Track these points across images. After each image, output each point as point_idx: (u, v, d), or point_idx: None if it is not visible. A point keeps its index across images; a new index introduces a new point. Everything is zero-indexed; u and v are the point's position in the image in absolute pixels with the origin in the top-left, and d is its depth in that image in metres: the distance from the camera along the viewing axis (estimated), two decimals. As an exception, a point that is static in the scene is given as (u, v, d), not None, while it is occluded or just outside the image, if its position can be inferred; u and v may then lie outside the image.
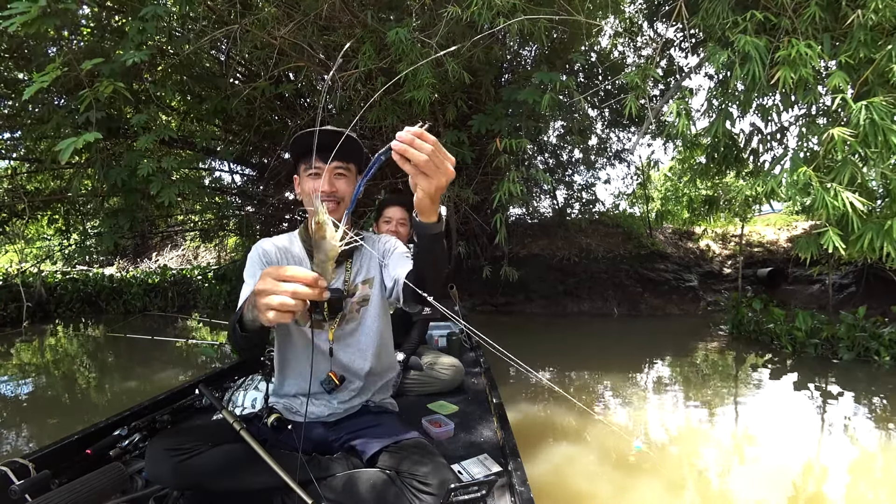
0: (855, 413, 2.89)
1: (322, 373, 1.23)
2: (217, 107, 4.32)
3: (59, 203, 5.92)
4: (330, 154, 1.10)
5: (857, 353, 3.80)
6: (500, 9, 2.75)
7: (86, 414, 3.07)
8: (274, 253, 1.23)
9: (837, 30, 2.41)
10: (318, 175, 1.17)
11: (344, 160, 1.20)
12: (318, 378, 1.22)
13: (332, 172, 1.18)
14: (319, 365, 1.22)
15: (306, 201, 1.21)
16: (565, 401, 3.23)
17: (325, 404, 1.25)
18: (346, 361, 1.26)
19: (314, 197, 0.88)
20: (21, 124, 4.79)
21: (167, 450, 1.04)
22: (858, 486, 2.12)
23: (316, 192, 1.12)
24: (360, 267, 1.29)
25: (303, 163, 1.21)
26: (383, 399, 1.36)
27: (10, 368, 4.34)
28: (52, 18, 2.42)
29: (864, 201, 2.02)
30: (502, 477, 1.23)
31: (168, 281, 7.69)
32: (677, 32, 4.52)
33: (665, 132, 3.55)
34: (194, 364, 4.22)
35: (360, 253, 1.29)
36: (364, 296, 1.28)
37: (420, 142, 0.72)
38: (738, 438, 2.63)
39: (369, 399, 1.31)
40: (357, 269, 1.29)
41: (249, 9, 3.83)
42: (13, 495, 1.02)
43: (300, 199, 1.25)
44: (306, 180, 1.20)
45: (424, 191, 0.78)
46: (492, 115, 3.96)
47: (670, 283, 6.74)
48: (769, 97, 2.73)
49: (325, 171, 1.16)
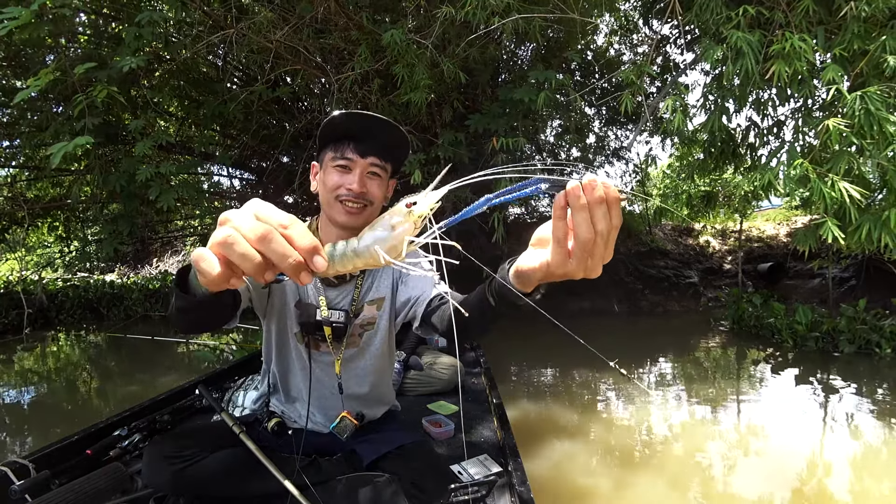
0: (857, 406, 2.89)
1: (332, 410, 1.12)
2: (214, 111, 4.33)
3: (58, 210, 5.93)
4: (366, 148, 0.95)
5: (858, 346, 3.80)
6: (495, 8, 2.76)
7: (87, 420, 3.07)
8: None
9: (831, 22, 2.41)
10: (348, 170, 0.97)
11: (382, 157, 0.99)
12: (328, 420, 1.13)
13: (366, 169, 0.98)
14: (323, 392, 1.13)
15: (323, 196, 1.01)
16: (565, 400, 3.23)
17: (323, 425, 1.17)
18: (348, 386, 1.14)
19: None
20: (20, 132, 4.81)
21: (166, 457, 1.03)
22: (861, 480, 2.12)
23: (341, 188, 0.96)
24: (371, 285, 1.11)
25: (330, 150, 0.98)
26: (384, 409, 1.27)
27: (12, 376, 4.35)
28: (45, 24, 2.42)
29: (861, 191, 2.02)
30: (502, 477, 1.23)
31: (168, 286, 7.69)
32: (673, 29, 4.52)
33: (662, 129, 3.54)
34: (196, 369, 4.23)
35: (374, 270, 1.11)
36: (370, 319, 1.11)
37: (607, 207, 0.45)
38: (740, 433, 2.63)
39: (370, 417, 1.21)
40: (367, 286, 1.11)
41: (245, 13, 3.83)
42: (13, 495, 1.02)
43: (314, 192, 1.05)
44: (331, 171, 0.98)
45: (556, 266, 0.51)
46: (489, 115, 3.96)
47: (670, 279, 6.74)
48: (764, 91, 2.74)
49: (357, 165, 0.97)
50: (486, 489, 0.97)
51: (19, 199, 5.46)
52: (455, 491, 0.93)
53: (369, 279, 1.12)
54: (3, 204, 5.90)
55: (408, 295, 1.05)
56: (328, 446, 1.18)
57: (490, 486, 0.99)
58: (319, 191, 1.03)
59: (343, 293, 1.09)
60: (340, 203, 0.98)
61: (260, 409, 1.27)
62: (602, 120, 7.30)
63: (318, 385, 1.12)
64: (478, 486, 0.97)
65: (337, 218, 0.99)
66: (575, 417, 2.85)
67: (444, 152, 4.07)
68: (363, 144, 0.96)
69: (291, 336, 1.11)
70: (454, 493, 0.93)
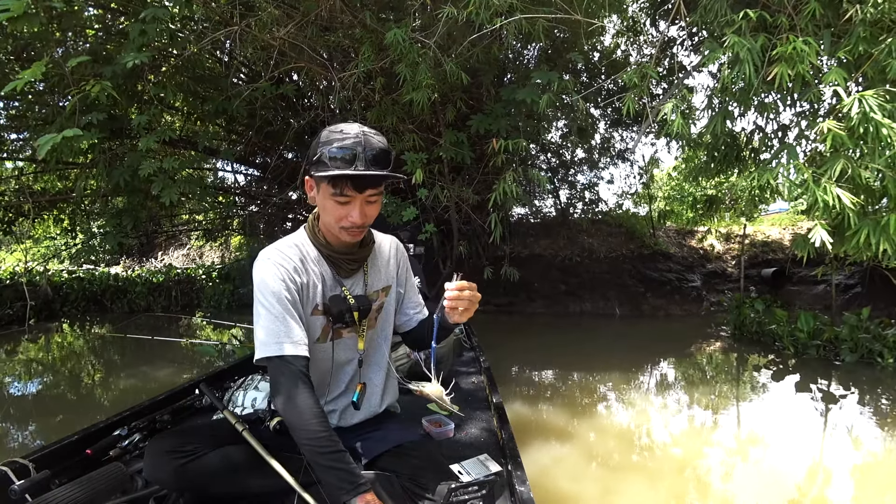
0: (858, 415, 2.86)
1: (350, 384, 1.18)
2: (219, 107, 4.35)
3: (64, 203, 5.99)
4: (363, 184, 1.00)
5: (860, 355, 3.76)
6: (498, 8, 2.75)
7: (88, 411, 3.11)
8: (293, 277, 1.05)
9: (838, 26, 2.39)
10: (348, 203, 1.01)
11: (376, 186, 1.02)
12: (348, 394, 1.17)
13: (365, 200, 1.02)
14: (342, 378, 1.18)
15: (325, 219, 1.08)
16: (565, 399, 3.22)
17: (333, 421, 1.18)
18: (369, 372, 1.22)
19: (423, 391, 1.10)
20: (27, 125, 4.85)
21: (168, 452, 1.02)
22: (861, 490, 2.10)
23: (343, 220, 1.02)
24: (378, 273, 1.20)
25: (328, 184, 1.01)
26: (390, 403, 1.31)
27: (15, 366, 4.40)
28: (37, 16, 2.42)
29: (853, 198, 1.98)
30: (502, 477, 1.22)
31: (172, 280, 7.75)
32: (679, 31, 4.49)
33: (665, 131, 3.51)
34: (198, 363, 4.26)
35: (375, 258, 1.19)
36: (381, 303, 1.21)
37: (467, 293, 1.04)
38: (739, 440, 2.61)
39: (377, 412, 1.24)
40: (374, 273, 1.19)
41: (251, 10, 3.85)
42: (13, 495, 1.01)
43: (310, 203, 1.11)
44: (330, 200, 1.01)
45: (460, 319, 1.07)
46: (491, 115, 3.95)
47: (673, 283, 6.70)
48: (766, 95, 2.71)
49: (356, 200, 1.01)
50: (486, 488, 0.97)
51: (26, 192, 5.52)
52: (455, 490, 0.93)
53: (373, 268, 1.19)
54: (10, 196, 5.96)
55: (403, 310, 1.27)
56: None
57: (490, 485, 0.99)
58: (320, 212, 1.09)
59: (355, 281, 1.17)
60: (345, 230, 1.05)
61: (262, 408, 1.28)
62: (607, 121, 7.27)
63: (338, 371, 1.18)
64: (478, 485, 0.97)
65: (342, 239, 1.09)
66: (574, 419, 2.84)
67: (446, 153, 4.07)
68: (359, 182, 1.00)
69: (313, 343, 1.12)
70: (454, 492, 0.93)
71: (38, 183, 6.28)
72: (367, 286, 1.17)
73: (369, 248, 1.17)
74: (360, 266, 1.16)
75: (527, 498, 1.04)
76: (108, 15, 4.49)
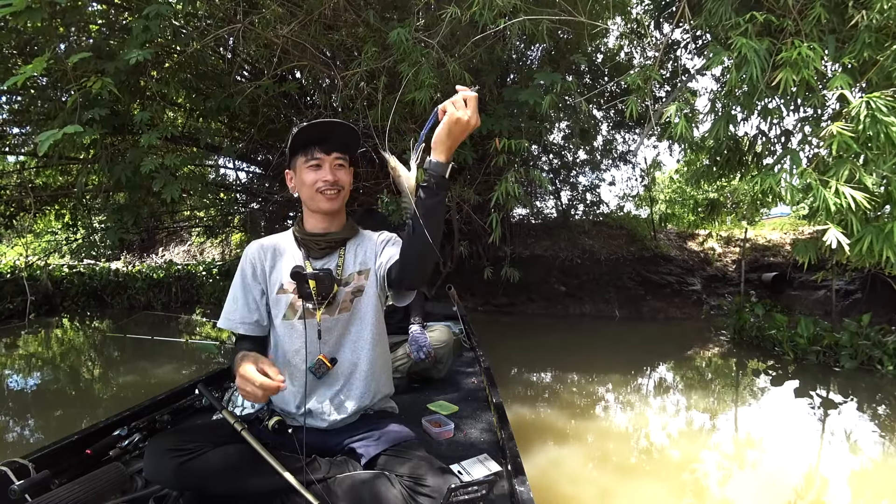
0: (858, 422, 2.86)
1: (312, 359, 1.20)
2: (221, 104, 4.35)
3: (66, 198, 5.99)
4: (329, 147, 1.18)
5: (860, 362, 3.74)
6: (502, 9, 2.74)
7: (87, 406, 3.11)
8: (259, 258, 1.25)
9: (843, 31, 2.38)
10: (319, 166, 1.19)
11: (342, 151, 1.22)
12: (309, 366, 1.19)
13: (333, 163, 1.20)
14: (311, 356, 1.19)
15: (304, 193, 1.22)
16: (565, 400, 3.22)
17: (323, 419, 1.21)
18: (344, 357, 1.23)
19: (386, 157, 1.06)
20: (30, 120, 4.85)
21: (168, 450, 1.03)
22: (858, 496, 2.09)
23: (318, 182, 1.18)
24: (356, 256, 1.27)
25: (300, 156, 1.21)
26: (384, 402, 1.31)
27: (15, 360, 4.40)
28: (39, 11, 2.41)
29: (867, 196, 1.95)
30: (502, 477, 1.23)
31: (172, 276, 7.74)
32: (683, 34, 4.48)
33: (667, 134, 3.50)
34: (197, 359, 4.26)
35: (355, 242, 1.28)
36: (359, 286, 1.25)
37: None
38: (738, 444, 2.61)
39: (369, 406, 1.26)
40: (352, 257, 1.26)
41: (254, 7, 3.84)
42: (13, 495, 1.01)
43: (294, 194, 1.27)
44: (305, 171, 1.20)
45: (449, 123, 0.97)
46: (493, 116, 3.94)
47: (673, 286, 6.69)
48: (770, 100, 2.70)
49: (325, 161, 1.19)
50: (486, 488, 0.96)
51: (27, 187, 5.52)
52: (455, 490, 0.93)
53: (351, 251, 1.27)
54: (11, 191, 5.97)
55: (380, 261, 1.24)
56: (327, 445, 1.20)
57: (490, 485, 0.99)
58: (299, 190, 1.24)
59: (327, 263, 1.25)
60: (321, 194, 1.19)
61: (260, 407, 1.29)
62: (610, 123, 7.26)
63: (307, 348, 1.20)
64: (478, 485, 0.96)
65: (321, 206, 1.21)
66: (573, 420, 2.84)
67: (447, 152, 4.05)
68: (326, 145, 1.19)
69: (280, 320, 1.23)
70: (454, 492, 0.93)
71: (40, 178, 6.28)
72: (341, 266, 1.25)
73: (345, 234, 1.27)
74: (335, 251, 1.26)
75: (526, 498, 1.04)
76: (111, 11, 4.48)
